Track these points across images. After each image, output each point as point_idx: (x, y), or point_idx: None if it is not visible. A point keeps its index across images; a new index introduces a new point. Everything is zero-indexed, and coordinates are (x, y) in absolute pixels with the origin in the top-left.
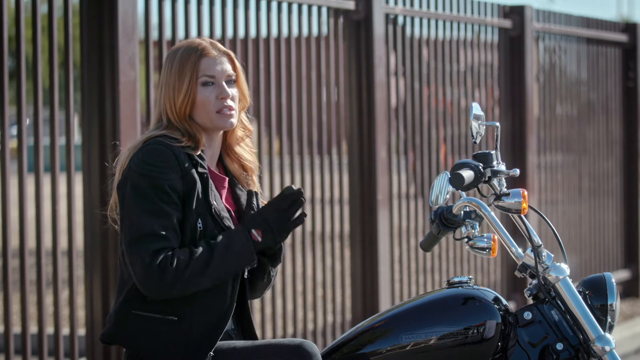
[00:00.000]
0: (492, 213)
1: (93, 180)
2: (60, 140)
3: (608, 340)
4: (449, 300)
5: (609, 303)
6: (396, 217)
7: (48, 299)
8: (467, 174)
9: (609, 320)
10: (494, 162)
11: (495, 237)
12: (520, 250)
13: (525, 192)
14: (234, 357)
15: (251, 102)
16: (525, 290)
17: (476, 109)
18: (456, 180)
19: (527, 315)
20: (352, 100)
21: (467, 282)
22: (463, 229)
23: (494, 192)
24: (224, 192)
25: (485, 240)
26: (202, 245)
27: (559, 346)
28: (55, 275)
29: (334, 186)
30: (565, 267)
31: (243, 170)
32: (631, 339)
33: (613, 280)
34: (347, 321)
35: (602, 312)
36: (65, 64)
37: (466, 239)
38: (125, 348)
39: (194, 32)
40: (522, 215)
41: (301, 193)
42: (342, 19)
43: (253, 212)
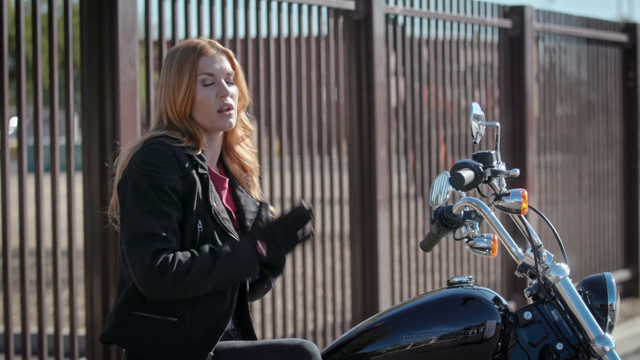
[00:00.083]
0: (492, 213)
1: (93, 180)
2: (60, 140)
3: (608, 340)
4: (449, 300)
5: (609, 303)
6: (396, 217)
7: (48, 299)
8: (467, 174)
9: (609, 320)
10: (494, 162)
11: (495, 237)
12: (520, 250)
13: (525, 192)
14: (234, 357)
15: (251, 102)
16: (525, 290)
17: (476, 109)
18: (456, 180)
19: (527, 315)
20: (352, 100)
21: (467, 282)
22: (463, 229)
23: (494, 192)
24: (224, 193)
25: (485, 240)
26: (205, 251)
27: (559, 346)
28: (55, 275)
29: (334, 186)
30: (565, 267)
31: (243, 171)
32: (631, 339)
33: (613, 280)
34: (347, 321)
35: (602, 312)
36: (65, 64)
37: (466, 239)
38: (125, 348)
39: (194, 32)
40: (522, 215)
41: (312, 211)
42: (342, 19)
43: (261, 223)
